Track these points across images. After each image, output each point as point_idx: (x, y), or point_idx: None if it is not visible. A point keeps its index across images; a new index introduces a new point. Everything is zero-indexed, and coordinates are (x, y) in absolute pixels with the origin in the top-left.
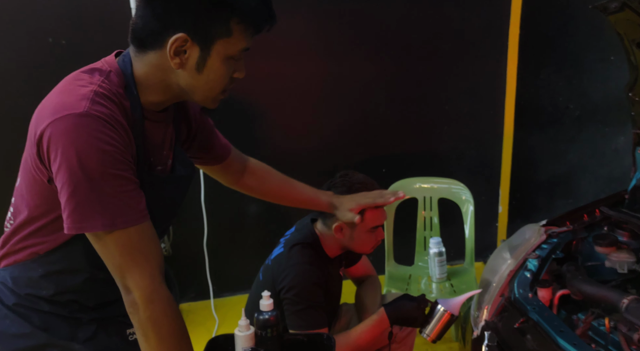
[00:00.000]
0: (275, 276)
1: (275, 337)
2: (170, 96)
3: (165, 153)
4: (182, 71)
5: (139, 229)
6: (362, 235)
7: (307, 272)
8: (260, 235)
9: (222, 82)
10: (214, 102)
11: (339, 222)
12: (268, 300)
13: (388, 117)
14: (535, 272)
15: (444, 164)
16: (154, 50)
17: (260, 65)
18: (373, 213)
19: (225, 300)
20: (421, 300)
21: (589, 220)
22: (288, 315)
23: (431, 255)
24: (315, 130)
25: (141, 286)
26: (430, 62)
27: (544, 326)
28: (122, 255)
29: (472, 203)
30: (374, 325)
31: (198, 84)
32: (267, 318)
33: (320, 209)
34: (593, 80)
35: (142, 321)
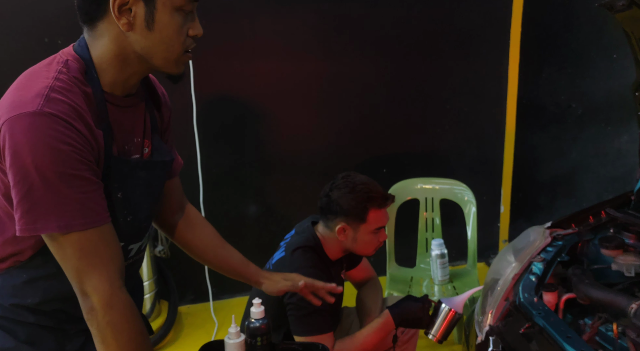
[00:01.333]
0: None
1: (266, 346)
2: (130, 71)
3: (138, 140)
4: (134, 34)
5: (97, 232)
6: (365, 236)
7: (310, 276)
8: (260, 237)
9: (177, 38)
10: (177, 64)
11: (342, 223)
12: (259, 308)
13: (388, 116)
14: (540, 276)
15: (445, 164)
16: (101, 19)
17: (260, 65)
18: (376, 214)
19: (225, 302)
20: (425, 300)
21: (594, 222)
22: (293, 320)
23: (433, 256)
24: (315, 130)
25: (100, 290)
26: (431, 60)
27: (551, 332)
28: (80, 258)
29: (474, 204)
30: (380, 327)
31: (153, 44)
32: (258, 326)
33: (246, 281)
34: (596, 79)
35: (101, 327)
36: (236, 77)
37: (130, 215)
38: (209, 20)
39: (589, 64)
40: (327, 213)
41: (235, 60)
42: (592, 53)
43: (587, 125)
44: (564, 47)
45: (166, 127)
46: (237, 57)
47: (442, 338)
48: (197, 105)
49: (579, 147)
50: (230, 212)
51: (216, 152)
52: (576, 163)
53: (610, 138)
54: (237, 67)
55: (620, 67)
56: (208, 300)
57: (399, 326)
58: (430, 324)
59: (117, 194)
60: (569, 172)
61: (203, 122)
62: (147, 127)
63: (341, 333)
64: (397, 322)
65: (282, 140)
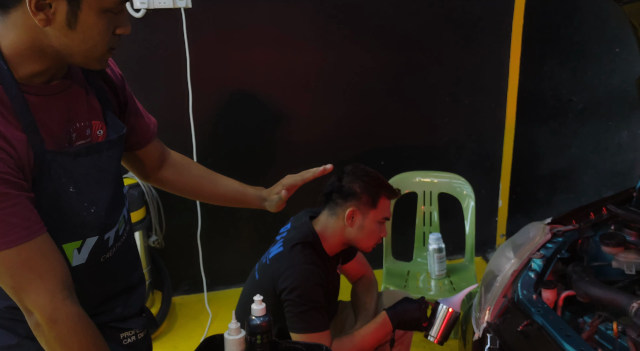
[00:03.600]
0: (275, 277)
1: (266, 344)
2: (48, 63)
3: (81, 125)
4: (52, 29)
5: (27, 247)
6: (371, 224)
7: (310, 273)
8: (255, 228)
9: (101, 39)
10: (100, 62)
11: (352, 207)
12: (260, 305)
13: (387, 108)
14: (539, 272)
15: (444, 157)
16: (14, 6)
17: (257, 55)
18: (385, 203)
19: (219, 293)
20: (422, 301)
21: (595, 218)
22: (290, 317)
23: (430, 251)
24: (314, 121)
25: (40, 306)
26: (432, 53)
27: (549, 330)
28: (12, 276)
29: (473, 198)
30: (377, 328)
31: (73, 43)
32: (259, 323)
33: (247, 205)
34: (597, 73)
35: (50, 342)
36: (233, 67)
37: (92, 206)
38: (205, 8)
39: (590, 57)
40: (336, 199)
41: (232, 50)
42: (594, 47)
43: (587, 119)
44: (565, 40)
45: (125, 99)
46: (234, 47)
47: (443, 339)
48: (193, 95)
49: (579, 141)
50: None
51: (212, 142)
52: (576, 158)
53: (610, 133)
54: (234, 57)
55: (622, 61)
56: (202, 291)
57: (397, 328)
58: (429, 326)
59: (68, 189)
60: (569, 166)
61: (199, 112)
62: (92, 108)
63: (335, 327)
64: (394, 324)
65: (280, 131)
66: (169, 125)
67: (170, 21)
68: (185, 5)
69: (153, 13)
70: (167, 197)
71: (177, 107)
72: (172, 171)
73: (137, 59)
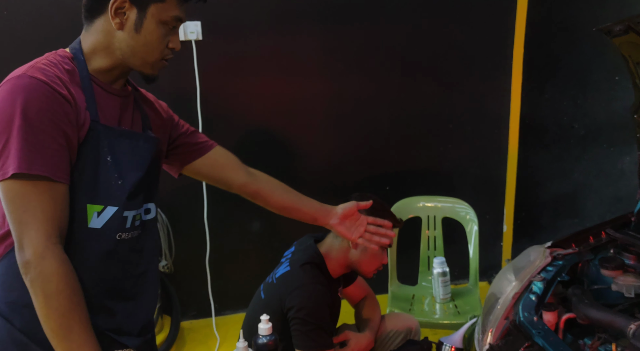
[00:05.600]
0: (282, 295)
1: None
2: (114, 61)
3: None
4: (123, 33)
5: (49, 185)
6: (375, 249)
7: (318, 292)
8: (263, 253)
9: (157, 45)
10: (153, 67)
11: None
12: (267, 324)
13: (392, 135)
14: (540, 295)
15: (448, 183)
16: (99, 16)
17: (265, 85)
18: None
19: (227, 318)
20: (425, 342)
21: (594, 242)
22: (297, 335)
23: (435, 275)
24: (319, 148)
25: (34, 243)
26: (435, 80)
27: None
28: (25, 211)
29: (476, 223)
30: None
31: (137, 44)
32: (266, 342)
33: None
34: (598, 100)
35: (33, 280)
36: (241, 97)
37: (120, 179)
38: (215, 40)
39: (590, 85)
40: None
41: (241, 80)
42: (594, 75)
43: (589, 145)
44: (566, 68)
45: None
46: (243, 77)
47: None
48: (203, 125)
49: (581, 167)
50: (233, 228)
51: None
52: (579, 184)
53: (612, 159)
54: (242, 87)
55: (622, 89)
56: (210, 315)
57: None
58: None
59: (106, 157)
60: (572, 192)
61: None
62: (135, 120)
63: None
64: None
65: (285, 157)
66: None
67: (182, 53)
68: (196, 37)
69: None
70: (176, 222)
71: None
72: (252, 179)
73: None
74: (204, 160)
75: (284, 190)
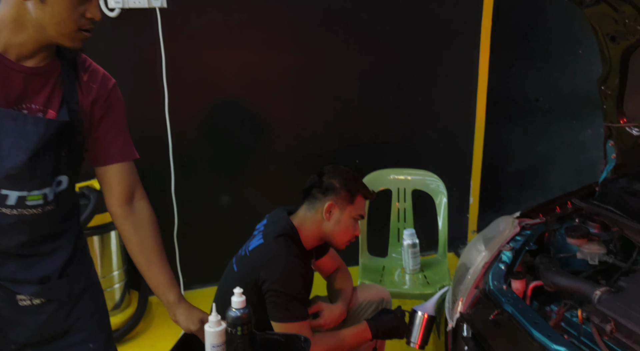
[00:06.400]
0: (256, 268)
1: (247, 335)
2: (26, 36)
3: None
4: (31, 3)
5: None
6: (348, 220)
7: (292, 264)
8: (232, 227)
9: (69, 16)
10: (72, 39)
11: (331, 201)
12: (240, 297)
13: (361, 108)
14: (509, 264)
15: (416, 156)
16: None
17: (234, 56)
18: (362, 201)
19: (196, 292)
20: (398, 310)
21: (561, 212)
22: (273, 307)
23: (405, 246)
24: (289, 121)
25: None
26: (404, 54)
27: (519, 318)
28: None
29: (446, 195)
30: (358, 333)
31: (45, 16)
32: (239, 315)
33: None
34: (562, 74)
35: None
36: (210, 68)
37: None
38: (181, 8)
39: (556, 59)
40: (316, 193)
41: (209, 51)
42: (559, 48)
43: (553, 119)
44: (532, 41)
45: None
46: (211, 47)
47: (423, 343)
48: (169, 97)
49: (545, 140)
50: (202, 201)
51: (189, 144)
52: (543, 156)
53: (575, 132)
54: (210, 58)
55: (586, 63)
56: None
57: (376, 337)
58: (409, 333)
59: None
60: (536, 164)
61: (175, 114)
62: (53, 98)
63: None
64: (374, 333)
65: (255, 130)
66: (144, 127)
67: (146, 21)
68: (161, 5)
69: (128, 13)
70: None
71: (152, 109)
72: (127, 216)
73: (111, 58)
74: (97, 169)
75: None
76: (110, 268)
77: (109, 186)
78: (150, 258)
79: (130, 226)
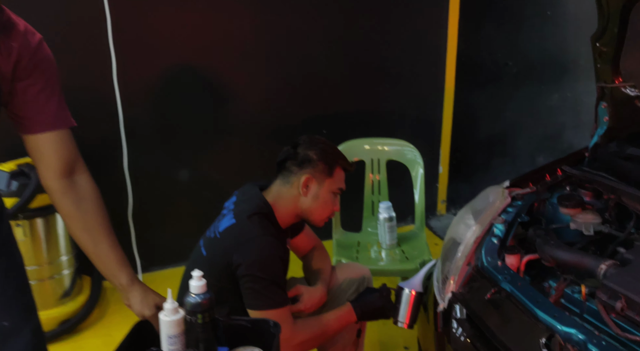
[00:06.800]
0: (229, 251)
1: (208, 324)
2: None
3: None
4: None
5: None
6: (326, 195)
7: (270, 245)
8: (193, 204)
9: None
10: None
11: (308, 175)
12: (199, 281)
13: (328, 75)
14: (502, 238)
15: (386, 124)
16: None
17: (190, 17)
18: (341, 174)
19: (155, 274)
20: (383, 289)
21: (551, 180)
22: (250, 294)
23: (381, 220)
24: (251, 89)
25: None
26: (372, 18)
27: (519, 297)
28: None
29: (422, 166)
30: (342, 316)
31: None
32: (199, 301)
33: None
34: (530, 37)
35: None
36: (162, 30)
37: None
38: None
39: (524, 20)
40: (291, 166)
41: (161, 11)
42: (528, 8)
43: (522, 84)
44: (501, 2)
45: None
46: (163, 7)
47: (412, 323)
48: (118, 62)
49: (514, 105)
50: (159, 178)
51: (141, 112)
52: (511, 123)
53: (543, 97)
54: (162, 18)
55: (555, 25)
56: (135, 273)
57: (361, 319)
58: (395, 311)
59: None
60: (505, 131)
61: (124, 80)
62: None
63: None
64: (359, 315)
65: (215, 100)
66: (90, 96)
67: None
68: None
69: None
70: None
71: (99, 76)
72: (67, 191)
73: (51, 19)
74: (27, 138)
75: (84, 227)
76: (58, 252)
77: (43, 157)
78: (95, 237)
79: (70, 202)
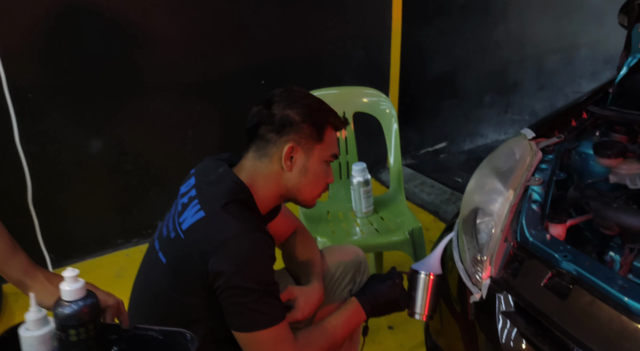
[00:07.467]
0: (201, 255)
1: (90, 340)
2: None
3: None
4: None
5: None
6: (317, 165)
7: (257, 244)
8: (111, 180)
9: None
10: None
11: (291, 143)
12: (75, 283)
13: (263, 15)
14: (542, 203)
15: (330, 69)
16: None
17: None
18: (332, 136)
19: None
20: (394, 274)
21: (577, 125)
22: (236, 312)
23: (355, 184)
24: (173, 35)
25: None
26: None
27: (593, 282)
28: None
29: (396, 118)
30: (350, 316)
31: None
32: (72, 312)
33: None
34: None
35: None
36: None
37: None
38: None
39: None
40: (266, 133)
41: None
42: None
43: (468, 15)
44: None
45: None
46: None
47: (432, 313)
48: None
49: (461, 41)
50: (62, 151)
51: (31, 68)
52: (459, 60)
53: (488, 31)
54: None
55: None
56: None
57: (372, 316)
58: (410, 301)
59: None
60: (453, 69)
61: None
62: None
63: None
64: (368, 312)
65: (130, 50)
66: None
67: None
68: None
69: None
70: None
71: None
72: None
73: None
74: None
75: None
76: None
77: None
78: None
79: None
